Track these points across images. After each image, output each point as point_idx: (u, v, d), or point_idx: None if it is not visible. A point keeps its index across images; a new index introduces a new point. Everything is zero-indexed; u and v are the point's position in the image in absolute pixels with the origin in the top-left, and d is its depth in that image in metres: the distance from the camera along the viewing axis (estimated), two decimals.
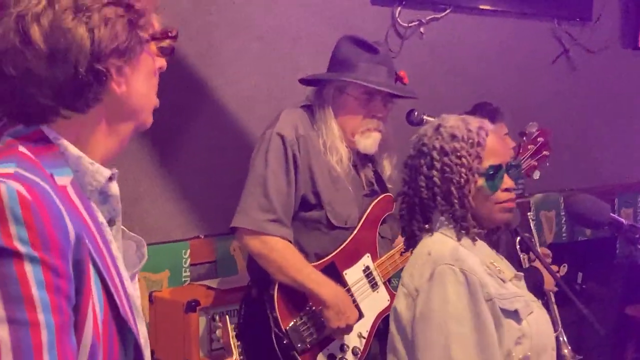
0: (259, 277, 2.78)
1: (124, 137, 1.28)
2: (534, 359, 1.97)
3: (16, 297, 1.04)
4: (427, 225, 2.08)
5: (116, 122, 1.25)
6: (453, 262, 1.95)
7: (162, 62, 1.31)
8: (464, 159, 2.02)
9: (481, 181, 2.04)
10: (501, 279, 2.02)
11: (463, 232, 2.03)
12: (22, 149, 1.15)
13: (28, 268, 1.05)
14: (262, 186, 2.71)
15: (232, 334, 1.95)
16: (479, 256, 2.03)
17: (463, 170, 2.02)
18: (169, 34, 1.30)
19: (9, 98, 1.18)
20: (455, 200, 2.02)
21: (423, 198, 2.06)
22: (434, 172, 2.03)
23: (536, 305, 2.08)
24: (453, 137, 2.04)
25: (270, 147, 2.72)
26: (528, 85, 4.64)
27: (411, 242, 2.12)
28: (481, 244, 2.08)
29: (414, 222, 2.09)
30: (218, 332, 2.03)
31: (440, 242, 2.03)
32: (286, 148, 2.72)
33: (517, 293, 2.02)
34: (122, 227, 1.32)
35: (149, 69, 1.27)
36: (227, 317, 2.01)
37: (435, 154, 2.04)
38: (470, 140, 2.04)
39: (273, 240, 2.70)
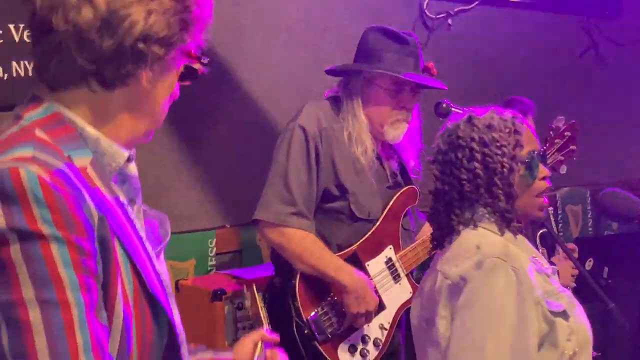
0: (282, 266, 2.80)
1: (140, 134, 1.29)
2: (579, 353, 1.95)
3: (44, 278, 1.06)
4: (467, 219, 2.02)
5: (137, 115, 1.27)
6: (505, 258, 1.91)
7: (177, 89, 1.32)
8: (504, 148, 1.98)
9: (522, 169, 2.01)
10: (546, 274, 2.00)
11: (505, 224, 2.00)
12: (38, 132, 1.17)
13: (54, 248, 1.07)
14: (283, 179, 2.73)
15: (260, 304, 1.94)
16: (523, 251, 2.00)
17: (505, 159, 1.98)
18: (202, 59, 1.32)
19: (50, 52, 1.19)
20: (500, 191, 1.98)
21: (465, 192, 2.01)
22: (476, 164, 1.98)
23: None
24: (489, 127, 2.01)
25: (292, 140, 2.74)
26: (555, 78, 4.62)
27: (447, 238, 2.07)
28: (521, 238, 2.04)
29: (452, 217, 2.03)
30: (246, 303, 2.03)
31: (486, 236, 1.99)
32: (308, 141, 2.73)
33: (561, 287, 2.00)
34: (143, 205, 1.33)
35: (171, 83, 1.29)
36: (254, 286, 2.01)
37: (475, 145, 1.99)
38: (508, 129, 2.01)
39: (291, 231, 2.72)
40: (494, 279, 1.88)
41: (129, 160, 1.27)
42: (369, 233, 2.82)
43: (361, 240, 2.81)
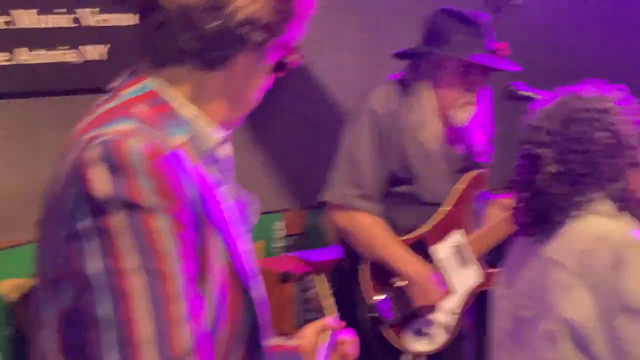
0: (349, 249, 2.80)
1: (231, 119, 1.30)
2: None
3: (145, 248, 1.07)
4: (587, 201, 1.92)
5: (230, 99, 1.27)
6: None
7: (270, 80, 1.32)
8: (621, 115, 1.91)
9: None
10: None
11: (623, 204, 1.91)
12: (137, 108, 1.18)
13: (155, 220, 1.08)
14: (350, 161, 2.73)
15: (324, 292, 1.93)
16: None
17: (628, 126, 1.91)
18: (297, 52, 1.32)
19: (153, 29, 1.21)
20: (629, 159, 1.89)
21: (594, 166, 1.90)
22: (604, 134, 1.89)
23: None
24: (598, 98, 1.93)
25: (360, 123, 2.74)
26: (630, 62, 4.50)
27: (554, 223, 1.96)
28: (633, 219, 1.95)
29: (576, 200, 1.92)
30: (312, 292, 2.03)
31: (608, 223, 1.90)
32: (376, 124, 2.73)
33: None
34: (233, 186, 1.34)
35: (265, 72, 1.29)
36: (323, 275, 1.98)
37: (596, 115, 1.90)
38: (611, 98, 1.94)
39: (359, 216, 2.73)
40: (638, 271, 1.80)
41: (224, 141, 1.28)
42: (437, 217, 2.80)
43: (428, 225, 2.79)
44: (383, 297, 2.72)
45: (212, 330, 1.17)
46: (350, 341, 1.57)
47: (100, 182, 1.08)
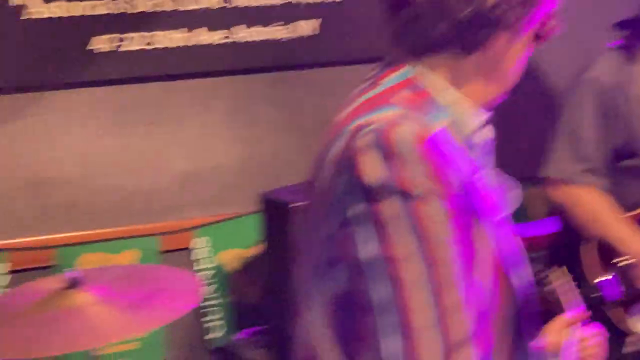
0: (569, 226, 2.72)
1: (491, 97, 1.29)
2: None
3: (419, 236, 1.08)
4: None
5: (489, 79, 1.26)
6: None
7: (530, 51, 1.29)
8: None
9: None
10: None
11: None
12: (399, 94, 1.20)
13: (428, 207, 1.08)
14: (573, 135, 2.65)
15: (569, 285, 1.86)
16: None
17: None
18: (554, 19, 1.28)
19: (408, 23, 1.22)
20: None
21: None
22: None
23: None
24: None
25: (583, 94, 2.64)
26: None
27: None
28: None
29: None
30: (549, 289, 1.94)
31: None
32: (600, 94, 2.62)
33: None
34: (493, 170, 1.32)
35: (524, 45, 1.27)
36: (562, 269, 1.93)
37: None
38: None
39: (582, 192, 2.64)
40: None
41: (484, 125, 1.27)
42: None
43: None
44: (607, 276, 2.62)
45: (484, 319, 1.16)
46: (594, 335, 1.52)
47: (372, 169, 1.09)
